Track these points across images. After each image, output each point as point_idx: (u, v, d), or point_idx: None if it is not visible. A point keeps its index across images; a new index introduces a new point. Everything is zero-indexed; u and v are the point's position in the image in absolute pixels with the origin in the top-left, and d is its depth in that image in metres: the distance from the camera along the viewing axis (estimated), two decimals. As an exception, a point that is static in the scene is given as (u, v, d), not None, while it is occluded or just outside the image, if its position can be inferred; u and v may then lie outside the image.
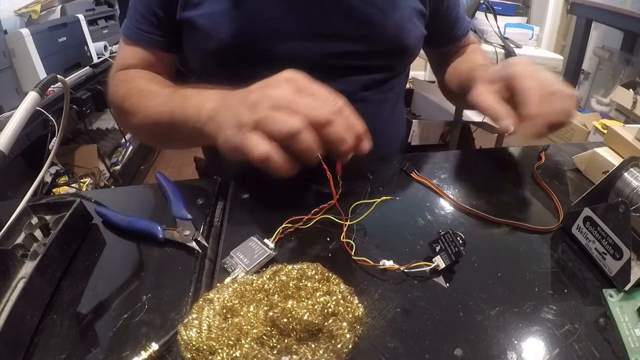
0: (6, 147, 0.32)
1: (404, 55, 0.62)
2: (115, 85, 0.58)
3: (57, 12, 1.55)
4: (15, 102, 1.15)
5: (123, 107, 0.55)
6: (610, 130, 0.48)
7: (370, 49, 0.57)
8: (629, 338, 0.28)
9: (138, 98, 0.53)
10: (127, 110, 0.54)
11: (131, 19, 0.58)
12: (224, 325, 0.26)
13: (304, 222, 0.38)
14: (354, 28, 0.55)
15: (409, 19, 0.59)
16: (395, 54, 0.60)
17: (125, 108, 0.54)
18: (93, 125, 1.92)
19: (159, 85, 0.54)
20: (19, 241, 0.34)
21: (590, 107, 2.60)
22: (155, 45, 0.59)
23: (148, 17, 0.57)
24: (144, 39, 0.58)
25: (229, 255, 0.33)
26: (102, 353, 0.27)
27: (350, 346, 0.26)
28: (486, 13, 1.65)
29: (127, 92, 0.55)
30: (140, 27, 0.57)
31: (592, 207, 0.34)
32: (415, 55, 0.64)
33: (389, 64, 0.61)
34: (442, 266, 0.32)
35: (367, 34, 0.56)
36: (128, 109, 0.54)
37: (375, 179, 0.46)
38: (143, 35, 0.58)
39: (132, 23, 0.58)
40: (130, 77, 0.57)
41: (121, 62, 0.60)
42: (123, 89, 0.56)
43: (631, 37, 2.30)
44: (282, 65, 0.54)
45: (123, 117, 0.56)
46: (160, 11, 0.56)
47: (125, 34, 0.60)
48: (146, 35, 0.58)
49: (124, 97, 0.55)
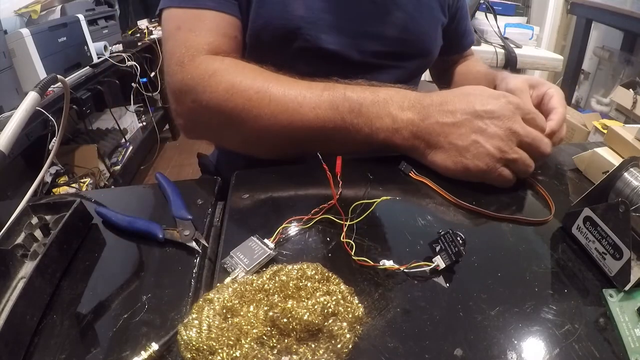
0: (6, 147, 0.32)
1: (427, 60, 0.66)
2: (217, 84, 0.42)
3: (57, 12, 1.55)
4: (15, 102, 1.15)
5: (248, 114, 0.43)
6: (610, 130, 0.48)
7: (400, 50, 0.61)
8: (629, 338, 0.28)
9: (276, 105, 0.42)
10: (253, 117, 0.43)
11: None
12: (224, 325, 0.26)
13: (304, 222, 0.38)
14: (388, 29, 0.58)
15: (434, 27, 0.64)
16: (420, 58, 0.64)
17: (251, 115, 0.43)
18: (93, 125, 1.93)
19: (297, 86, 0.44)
20: (19, 241, 0.34)
21: (590, 107, 2.60)
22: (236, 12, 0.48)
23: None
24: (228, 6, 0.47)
25: (229, 255, 0.33)
26: (102, 353, 0.27)
27: (350, 346, 0.26)
28: (486, 13, 1.65)
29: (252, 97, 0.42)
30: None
31: (592, 207, 0.34)
32: (433, 61, 0.69)
33: (413, 67, 0.65)
34: (442, 266, 0.32)
35: (399, 36, 0.59)
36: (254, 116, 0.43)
37: (375, 179, 0.46)
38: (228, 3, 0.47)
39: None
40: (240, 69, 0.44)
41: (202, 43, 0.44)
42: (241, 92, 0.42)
43: (631, 37, 2.30)
44: (321, 58, 0.55)
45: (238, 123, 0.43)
46: None
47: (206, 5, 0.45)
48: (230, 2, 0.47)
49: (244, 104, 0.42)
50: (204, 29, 0.45)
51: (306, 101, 0.43)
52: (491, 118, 0.42)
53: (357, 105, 0.44)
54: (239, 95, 0.42)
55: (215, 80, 0.43)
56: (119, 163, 1.83)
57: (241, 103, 0.42)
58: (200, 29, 0.45)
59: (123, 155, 1.88)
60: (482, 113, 0.42)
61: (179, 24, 0.46)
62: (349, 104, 0.44)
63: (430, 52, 0.65)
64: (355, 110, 0.44)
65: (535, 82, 0.53)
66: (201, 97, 0.43)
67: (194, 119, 0.46)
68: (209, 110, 0.43)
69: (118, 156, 1.87)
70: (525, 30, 1.77)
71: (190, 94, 0.43)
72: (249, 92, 0.42)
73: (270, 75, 0.45)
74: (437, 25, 0.65)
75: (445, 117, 0.43)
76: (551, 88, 0.51)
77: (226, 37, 0.47)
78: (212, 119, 0.45)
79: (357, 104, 0.44)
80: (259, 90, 0.42)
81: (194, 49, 0.44)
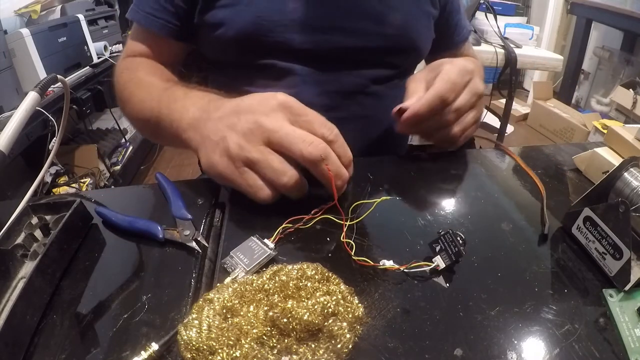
0: (6, 147, 0.32)
1: (413, 54, 0.63)
2: (120, 72, 0.58)
3: (57, 12, 1.55)
4: (15, 102, 1.15)
5: (122, 95, 0.56)
6: (610, 130, 0.48)
7: (383, 46, 0.58)
8: (629, 338, 0.28)
9: (135, 88, 0.53)
10: (125, 98, 0.55)
11: (141, 3, 0.56)
12: (224, 325, 0.26)
13: (304, 222, 0.38)
14: (368, 24, 0.56)
15: (419, 20, 0.61)
16: (405, 52, 0.62)
17: (124, 96, 0.55)
18: (93, 125, 1.93)
19: (158, 79, 0.54)
20: (19, 241, 0.34)
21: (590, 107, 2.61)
22: (167, 33, 0.57)
23: (162, 3, 0.55)
24: (156, 25, 0.57)
25: (229, 255, 0.33)
26: (102, 353, 0.27)
27: (350, 346, 0.26)
28: (486, 13, 1.65)
29: (128, 81, 0.55)
30: (153, 13, 0.56)
31: (592, 207, 0.34)
32: (423, 56, 0.66)
33: (398, 62, 0.62)
34: (442, 266, 0.32)
35: (382, 32, 0.57)
36: (126, 98, 0.55)
37: (375, 179, 0.46)
38: (155, 21, 0.56)
39: (143, 8, 0.56)
40: (135, 66, 0.57)
41: (131, 48, 0.60)
42: (125, 77, 0.56)
43: (631, 37, 2.31)
44: (297, 55, 0.56)
45: (121, 104, 0.56)
46: (180, 1, 0.55)
47: (135, 19, 0.58)
48: (159, 21, 0.56)
49: (124, 85, 0.55)
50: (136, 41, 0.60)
51: (150, 94, 0.50)
52: (247, 113, 0.37)
53: (170, 100, 0.46)
54: (120, 84, 0.56)
55: (119, 71, 0.58)
56: (119, 163, 1.83)
57: (119, 89, 0.56)
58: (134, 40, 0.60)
59: (123, 155, 1.88)
60: (242, 108, 0.38)
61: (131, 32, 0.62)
62: (167, 100, 0.46)
63: (417, 47, 0.62)
64: (166, 105, 0.46)
65: (435, 65, 0.49)
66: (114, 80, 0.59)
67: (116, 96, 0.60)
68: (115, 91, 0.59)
69: (118, 156, 1.87)
70: (525, 30, 1.77)
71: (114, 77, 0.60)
72: (127, 83, 0.55)
73: (148, 73, 0.55)
74: (425, 18, 0.62)
75: (215, 112, 0.40)
76: (446, 65, 0.47)
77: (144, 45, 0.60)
78: (117, 99, 0.59)
79: (171, 99, 0.46)
80: (129, 83, 0.55)
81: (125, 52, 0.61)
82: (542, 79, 2.90)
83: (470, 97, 0.47)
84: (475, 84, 0.48)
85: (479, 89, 0.48)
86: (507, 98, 1.63)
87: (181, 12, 0.56)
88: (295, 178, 0.36)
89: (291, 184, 0.36)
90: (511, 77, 1.57)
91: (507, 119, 1.73)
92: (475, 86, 0.48)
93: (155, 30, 0.57)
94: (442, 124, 0.47)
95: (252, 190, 0.37)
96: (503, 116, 1.71)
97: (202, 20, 0.55)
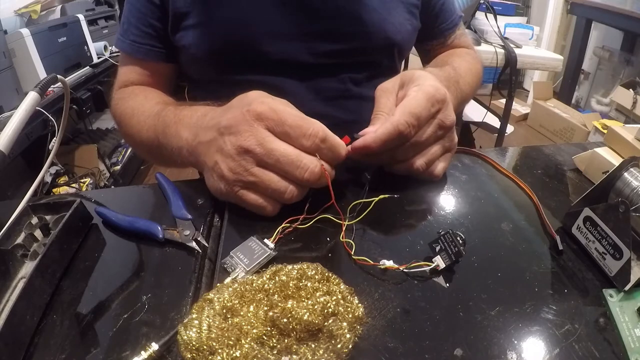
0: (6, 147, 0.32)
1: (393, 50, 0.61)
2: (115, 104, 0.58)
3: (57, 12, 1.55)
4: (15, 102, 1.15)
5: (120, 128, 0.56)
6: (610, 130, 0.48)
7: (358, 46, 0.57)
8: (629, 338, 0.28)
9: (130, 120, 0.53)
10: (124, 132, 0.56)
11: (126, 32, 0.58)
12: (224, 325, 0.26)
13: (304, 222, 0.38)
14: (342, 26, 0.55)
15: (397, 14, 0.59)
16: (383, 50, 0.60)
17: (122, 130, 0.56)
18: (93, 125, 1.93)
19: (149, 104, 0.53)
20: (19, 241, 0.34)
21: (590, 107, 2.61)
22: (154, 57, 0.58)
23: (143, 28, 0.57)
24: (142, 51, 0.58)
25: (229, 255, 0.33)
26: (102, 353, 0.27)
27: (350, 346, 0.26)
28: (486, 13, 1.65)
29: (122, 114, 0.55)
30: (137, 40, 0.57)
31: (592, 207, 0.34)
32: (405, 50, 0.64)
33: (378, 60, 0.61)
34: (442, 266, 0.32)
35: (355, 31, 0.56)
36: (124, 131, 0.55)
37: (373, 178, 0.45)
38: (141, 48, 0.57)
39: (127, 36, 0.57)
40: (126, 96, 0.57)
41: (121, 78, 0.60)
42: (120, 109, 0.56)
43: (631, 37, 2.31)
44: (274, 67, 0.55)
45: (123, 137, 0.60)
46: (156, 22, 0.56)
47: (122, 48, 0.59)
48: (144, 47, 0.57)
49: (120, 117, 0.56)
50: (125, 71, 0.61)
51: (145, 124, 0.51)
52: (229, 134, 0.36)
53: (164, 126, 0.46)
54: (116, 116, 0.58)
55: (113, 103, 0.59)
56: (119, 163, 1.83)
57: (117, 122, 0.58)
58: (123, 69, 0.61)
59: (123, 155, 1.88)
60: (223, 129, 0.37)
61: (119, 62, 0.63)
62: (162, 127, 0.47)
63: (396, 42, 0.59)
64: (162, 132, 0.46)
65: (407, 79, 0.43)
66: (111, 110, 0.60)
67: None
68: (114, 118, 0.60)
69: (118, 156, 1.87)
70: (525, 30, 1.77)
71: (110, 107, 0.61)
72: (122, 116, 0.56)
73: (139, 101, 0.55)
74: (402, 10, 0.59)
75: (204, 135, 0.39)
76: (415, 87, 0.41)
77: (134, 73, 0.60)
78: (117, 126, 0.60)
79: (164, 125, 0.46)
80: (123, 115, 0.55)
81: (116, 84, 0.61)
82: (542, 79, 2.91)
83: (435, 130, 0.41)
84: (445, 115, 0.41)
85: (447, 121, 0.41)
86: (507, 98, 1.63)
87: (161, 33, 0.57)
88: (295, 192, 0.37)
89: (293, 198, 0.37)
90: (511, 77, 1.57)
91: (507, 119, 1.73)
92: (444, 118, 0.41)
93: (142, 57, 0.58)
94: (399, 158, 0.42)
95: (257, 209, 0.38)
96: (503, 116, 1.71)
97: (175, 40, 0.56)
